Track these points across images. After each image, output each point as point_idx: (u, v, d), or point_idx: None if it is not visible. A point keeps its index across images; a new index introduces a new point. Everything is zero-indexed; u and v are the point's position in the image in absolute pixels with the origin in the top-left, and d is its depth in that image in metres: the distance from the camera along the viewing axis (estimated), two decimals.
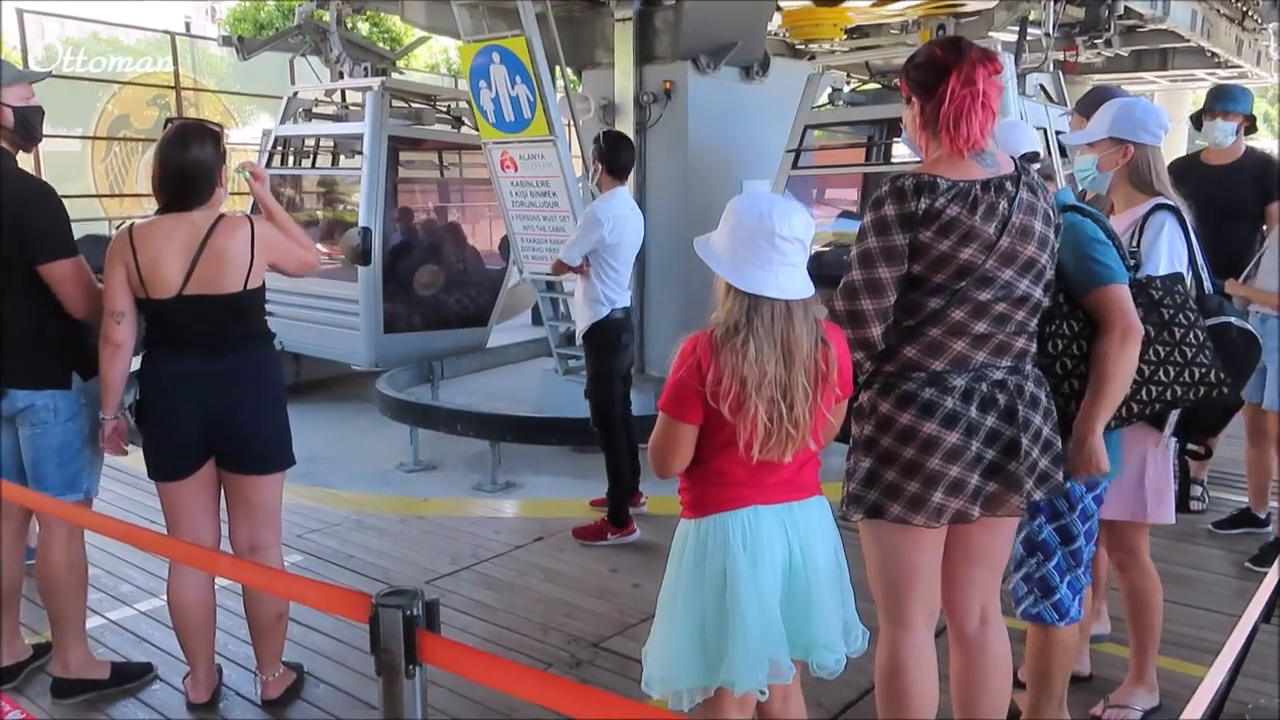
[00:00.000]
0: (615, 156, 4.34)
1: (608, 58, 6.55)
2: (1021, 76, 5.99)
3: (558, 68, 5.95)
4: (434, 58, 17.11)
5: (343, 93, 7.70)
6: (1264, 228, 4.15)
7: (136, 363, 2.74)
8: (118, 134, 12.02)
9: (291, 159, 7.85)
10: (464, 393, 6.87)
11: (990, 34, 6.86)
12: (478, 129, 6.27)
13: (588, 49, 6.85)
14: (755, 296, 1.81)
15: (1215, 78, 13.03)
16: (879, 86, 6.34)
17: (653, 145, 6.39)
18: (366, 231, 6.58)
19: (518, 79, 5.74)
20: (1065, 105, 6.38)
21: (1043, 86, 6.73)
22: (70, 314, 2.72)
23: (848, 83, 6.69)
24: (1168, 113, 2.83)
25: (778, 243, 1.80)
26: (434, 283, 7.44)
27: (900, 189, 1.91)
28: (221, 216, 2.64)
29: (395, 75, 7.89)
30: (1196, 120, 4.30)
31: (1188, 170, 4.01)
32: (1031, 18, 6.35)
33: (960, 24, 9.18)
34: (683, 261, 6.16)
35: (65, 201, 2.84)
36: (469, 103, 7.78)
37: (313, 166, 8.04)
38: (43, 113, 2.86)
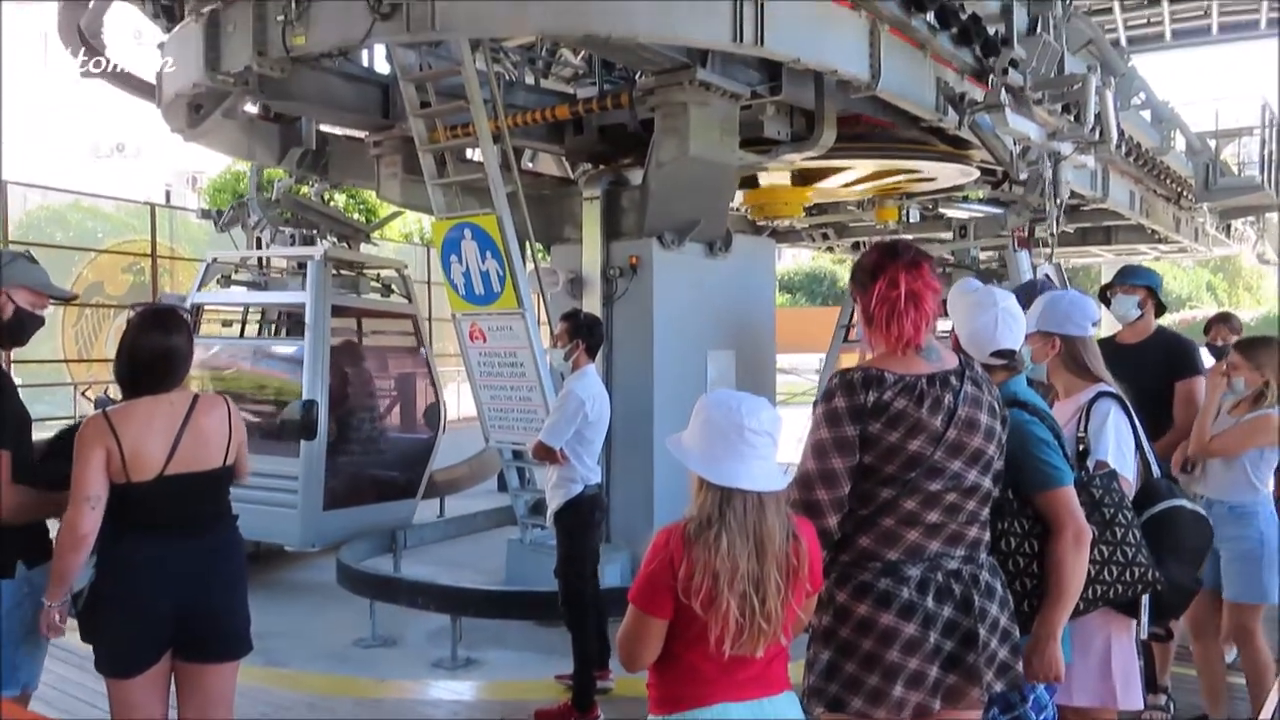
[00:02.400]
0: (594, 336, 4.46)
1: (576, 234, 6.77)
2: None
3: (527, 243, 6.14)
4: (408, 227, 17.59)
5: (259, 260, 7.78)
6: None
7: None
8: (91, 300, 12.10)
9: (205, 327, 7.77)
10: (428, 562, 6.74)
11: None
12: (407, 298, 6.39)
13: (557, 225, 7.10)
14: (728, 489, 1.85)
15: (1158, 251, 13.69)
16: None
17: (619, 318, 6.53)
18: (311, 404, 6.54)
19: (488, 254, 5.91)
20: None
21: (1048, 276, 7.21)
22: None
23: None
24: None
25: (747, 435, 1.85)
26: (371, 455, 7.39)
27: (850, 382, 2.00)
28: (197, 395, 2.67)
29: (336, 245, 7.94)
30: (1103, 296, 4.50)
31: (1103, 350, 4.16)
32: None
33: (914, 201, 9.68)
34: (648, 431, 6.21)
35: (33, 366, 2.84)
36: (398, 271, 8.05)
37: (241, 335, 8.00)
38: (41, 323, 2.88)
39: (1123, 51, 8.78)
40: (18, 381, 10.60)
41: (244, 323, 8.07)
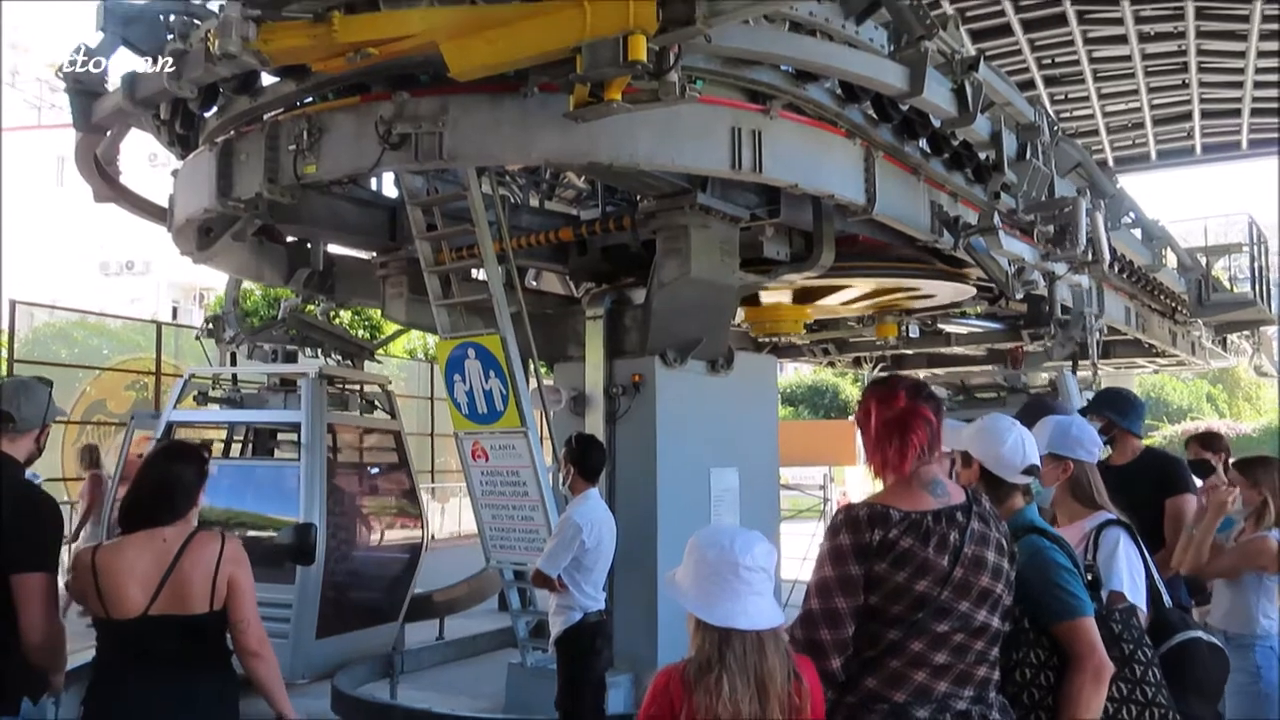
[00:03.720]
0: (587, 459, 4.44)
1: (579, 352, 6.83)
2: None
3: (530, 361, 6.19)
4: (412, 343, 17.74)
5: (234, 376, 7.67)
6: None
7: None
8: (93, 417, 12.12)
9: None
10: (426, 687, 6.57)
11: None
12: (391, 414, 6.35)
13: (560, 343, 7.16)
14: (726, 630, 1.82)
15: (1155, 364, 13.78)
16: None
17: (622, 436, 6.54)
18: (309, 528, 6.42)
19: (491, 373, 5.95)
20: None
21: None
22: (25, 636, 2.61)
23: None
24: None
25: (742, 573, 1.83)
26: (354, 577, 7.19)
27: (855, 519, 1.99)
28: (195, 532, 2.64)
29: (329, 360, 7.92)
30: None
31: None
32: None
33: (914, 318, 9.80)
34: (652, 552, 6.14)
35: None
36: (381, 387, 7.98)
37: (225, 455, 7.77)
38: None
39: (1110, 172, 9.01)
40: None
41: (228, 442, 7.84)
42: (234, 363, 7.79)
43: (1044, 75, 15.07)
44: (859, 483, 23.94)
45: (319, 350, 7.98)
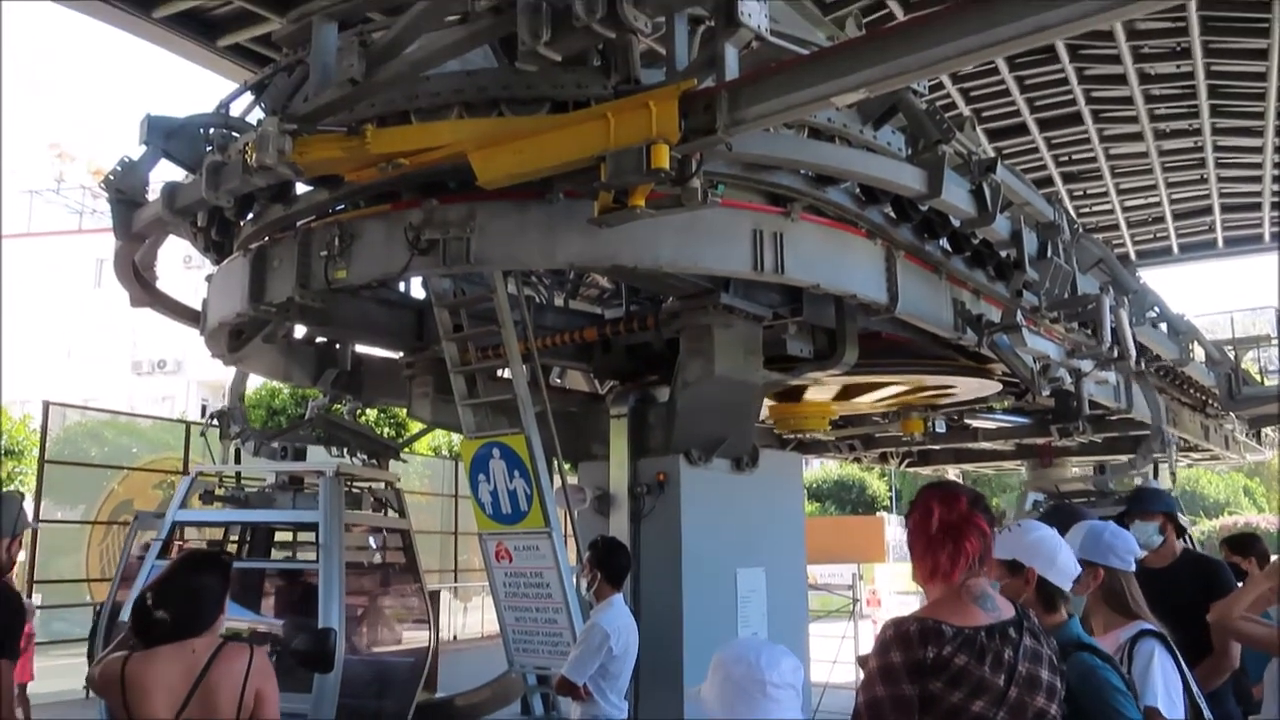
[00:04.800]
0: (613, 563, 4.40)
1: (603, 450, 6.81)
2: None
3: (555, 460, 6.18)
4: (436, 441, 17.79)
5: (238, 475, 7.45)
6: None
7: None
8: (120, 517, 12.17)
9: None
10: None
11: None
12: (400, 512, 6.53)
13: (584, 442, 7.16)
14: None
15: (1189, 459, 13.57)
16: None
17: (647, 534, 6.47)
18: (329, 633, 6.30)
19: (516, 473, 5.94)
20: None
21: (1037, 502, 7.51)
22: None
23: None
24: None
25: (770, 690, 1.79)
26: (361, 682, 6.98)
27: (906, 635, 1.93)
28: (223, 643, 2.61)
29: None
30: (1121, 522, 4.44)
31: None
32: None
33: (940, 413, 9.74)
34: (677, 657, 6.02)
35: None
36: (390, 484, 7.84)
37: (240, 556, 7.39)
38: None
39: (1133, 267, 9.08)
40: (36, 600, 10.44)
41: (240, 542, 7.52)
42: (238, 459, 7.65)
43: (1062, 172, 15.26)
44: (889, 580, 23.48)
45: (345, 450, 7.99)
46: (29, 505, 2.98)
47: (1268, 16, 10.56)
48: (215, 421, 7.78)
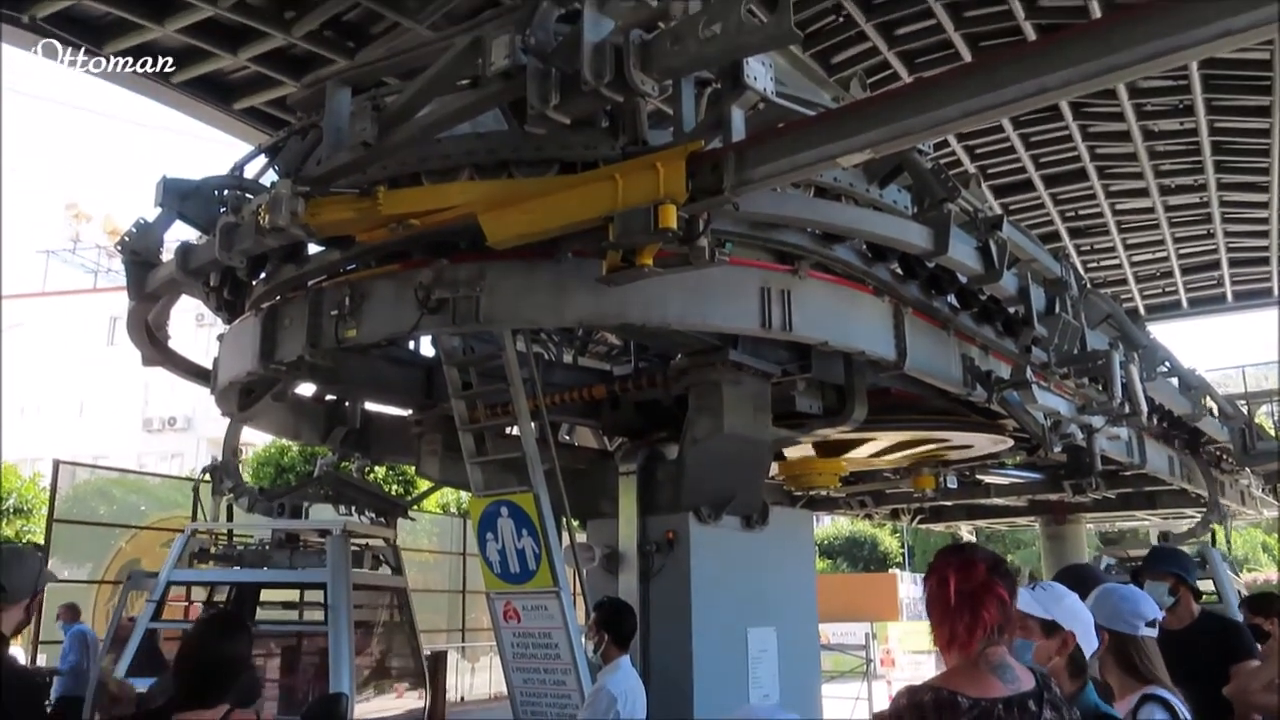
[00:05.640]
0: (619, 625, 4.36)
1: (612, 508, 6.77)
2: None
3: (563, 518, 6.14)
4: (445, 498, 17.73)
5: (230, 533, 7.29)
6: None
7: None
8: (126, 576, 12.10)
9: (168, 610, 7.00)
10: None
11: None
12: (395, 570, 6.42)
13: (592, 499, 7.12)
14: None
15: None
16: None
17: (656, 593, 6.41)
18: (340, 698, 6.21)
19: (524, 532, 5.90)
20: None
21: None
22: None
23: None
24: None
25: None
26: None
27: (919, 705, 1.89)
28: (230, 712, 2.57)
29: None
30: (1137, 580, 4.38)
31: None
32: None
33: (951, 469, 9.68)
34: (686, 714, 5.92)
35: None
36: (387, 542, 7.63)
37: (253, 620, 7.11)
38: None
39: (1142, 322, 9.05)
40: (41, 660, 10.29)
41: (208, 602, 7.21)
42: (230, 516, 7.47)
43: (1069, 227, 15.34)
44: (903, 639, 23.12)
45: (353, 507, 7.96)
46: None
47: (1269, 75, 10.68)
48: (207, 476, 7.54)
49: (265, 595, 7.60)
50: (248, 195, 5.41)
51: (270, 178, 5.76)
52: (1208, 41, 2.86)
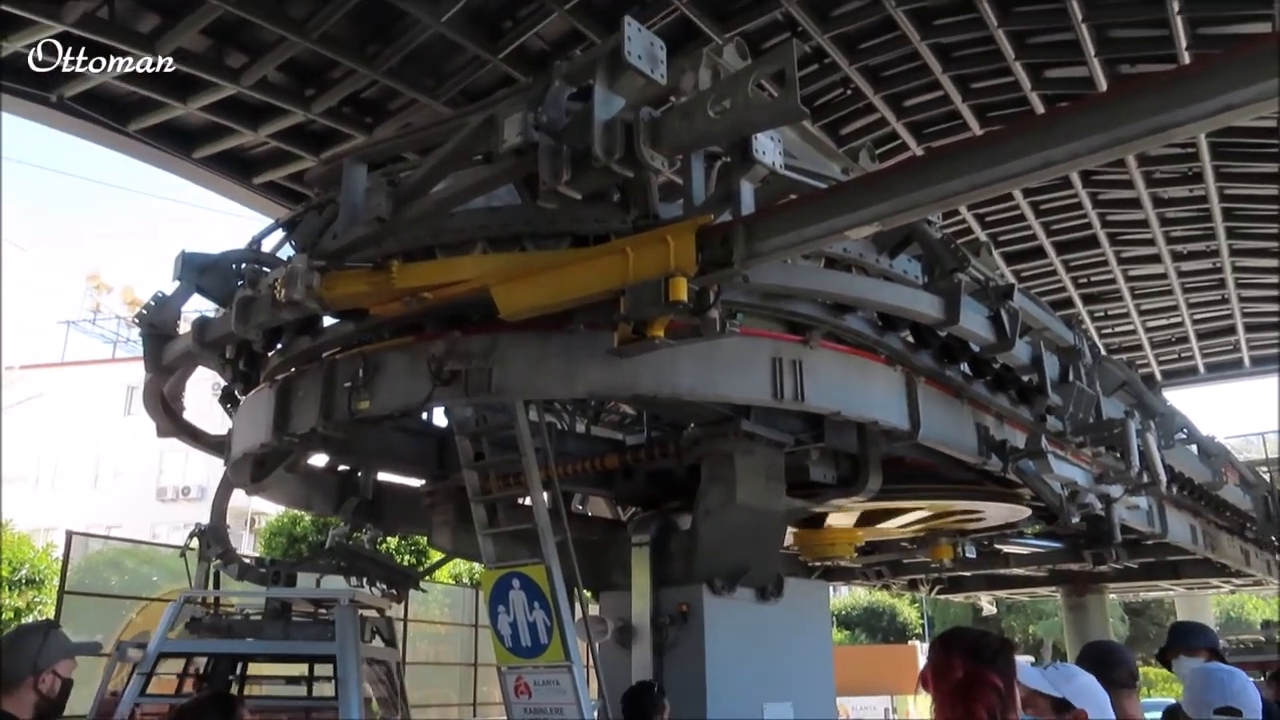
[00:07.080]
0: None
1: (625, 580, 6.70)
2: None
3: (575, 590, 6.07)
4: (457, 568, 17.57)
5: (217, 600, 6.92)
6: None
7: None
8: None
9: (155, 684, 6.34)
10: None
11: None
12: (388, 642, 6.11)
13: (605, 571, 7.05)
14: None
15: (1231, 584, 13.15)
16: None
17: (670, 669, 6.30)
18: None
19: (536, 604, 5.83)
20: None
21: None
22: None
23: None
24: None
25: None
26: None
27: None
28: None
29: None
30: (1164, 660, 4.28)
31: (1175, 714, 3.90)
32: None
33: (969, 538, 9.55)
34: None
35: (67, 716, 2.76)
36: (380, 612, 7.38)
37: (243, 695, 6.56)
38: (71, 684, 2.89)
39: (1158, 388, 8.98)
40: None
41: (184, 673, 6.68)
42: (217, 583, 7.12)
43: (1082, 294, 15.36)
44: (924, 711, 22.57)
45: (364, 579, 7.89)
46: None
47: (1276, 142, 10.77)
48: (194, 541, 7.10)
49: (264, 668, 7.39)
50: (265, 269, 5.49)
51: (287, 252, 5.84)
52: (1209, 116, 2.89)
